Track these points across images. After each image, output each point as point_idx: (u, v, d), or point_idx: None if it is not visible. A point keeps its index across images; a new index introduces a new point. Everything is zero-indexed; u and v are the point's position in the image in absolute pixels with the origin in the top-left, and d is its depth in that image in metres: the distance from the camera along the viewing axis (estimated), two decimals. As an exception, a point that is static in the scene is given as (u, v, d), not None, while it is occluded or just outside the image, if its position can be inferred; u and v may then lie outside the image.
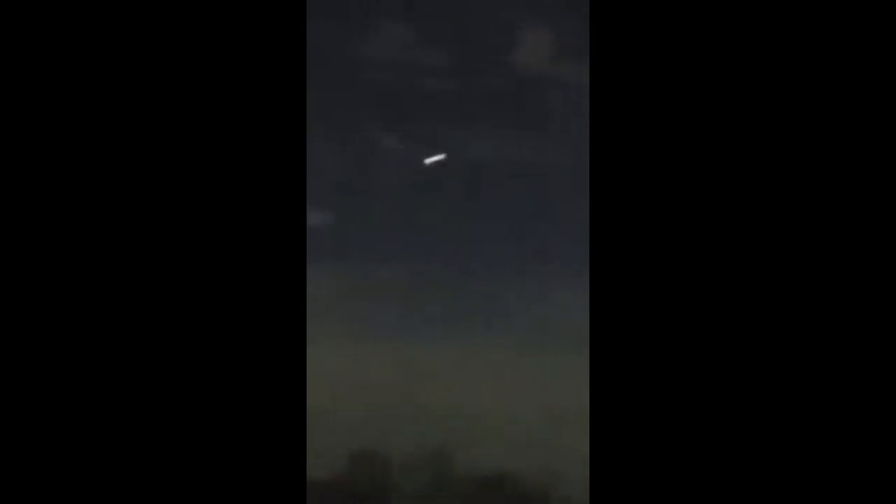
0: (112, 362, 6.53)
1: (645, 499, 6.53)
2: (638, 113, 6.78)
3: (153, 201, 6.67)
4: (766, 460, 6.47)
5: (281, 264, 6.80)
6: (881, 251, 6.45)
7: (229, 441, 6.61)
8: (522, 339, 23.80)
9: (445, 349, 23.05)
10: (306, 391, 6.89)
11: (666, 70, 6.76)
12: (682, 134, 6.74)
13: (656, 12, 6.79)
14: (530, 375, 22.62)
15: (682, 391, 6.59)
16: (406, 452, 20.70)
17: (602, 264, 6.82)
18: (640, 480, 6.54)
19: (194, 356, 6.63)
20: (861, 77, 6.55)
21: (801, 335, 6.53)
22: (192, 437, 6.58)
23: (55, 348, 6.48)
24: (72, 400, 6.47)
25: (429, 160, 25.27)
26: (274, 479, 6.65)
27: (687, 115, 6.74)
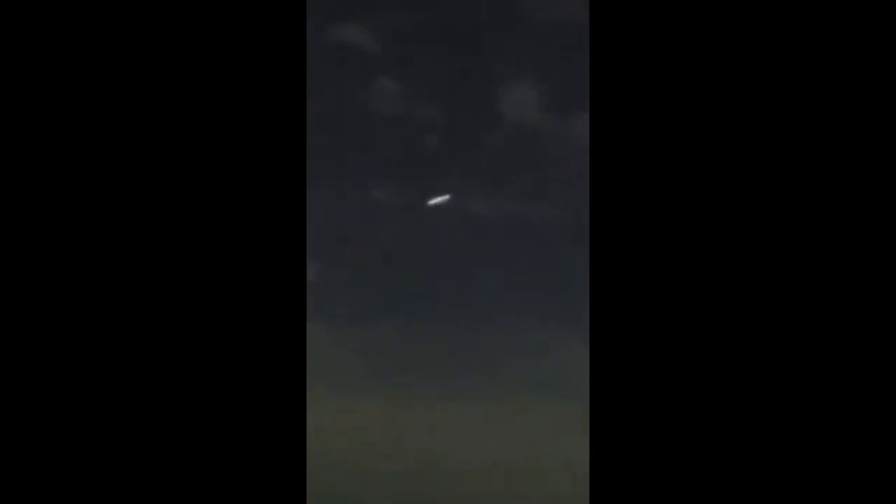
0: (110, 405, 6.56)
1: None
2: (638, 162, 6.82)
3: (144, 244, 6.74)
4: (770, 490, 6.44)
5: (279, 313, 6.82)
6: (882, 252, 6.44)
7: (228, 493, 6.62)
8: (518, 392, 23.69)
9: (439, 401, 22.96)
10: (306, 446, 6.87)
11: (667, 122, 6.82)
12: (683, 187, 6.77)
13: (658, 61, 6.86)
14: (527, 427, 22.44)
15: (685, 449, 6.55)
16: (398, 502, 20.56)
17: (602, 317, 6.80)
18: None
19: (193, 411, 6.64)
20: (861, 77, 6.55)
21: (805, 354, 6.51)
22: (189, 490, 6.59)
23: (47, 351, 6.50)
24: (62, 405, 6.49)
25: (432, 201, 25.42)
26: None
27: (688, 167, 6.78)
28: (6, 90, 6.63)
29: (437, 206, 25.02)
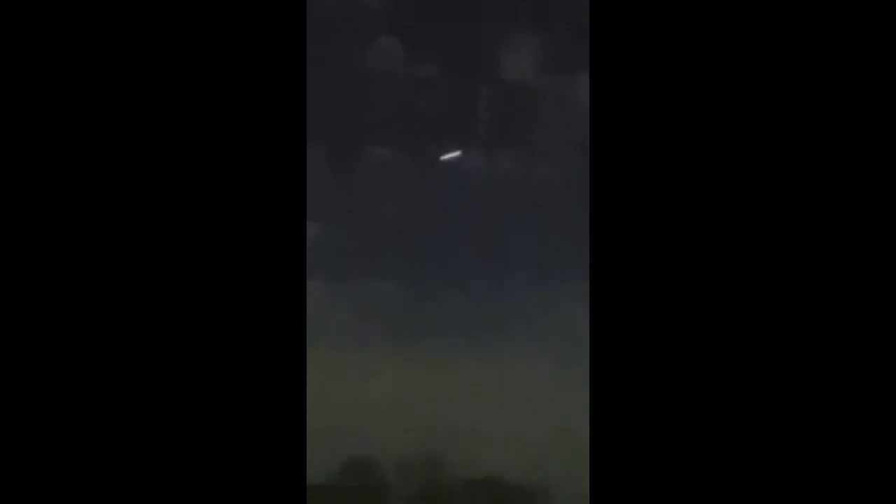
0: (112, 372, 6.58)
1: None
2: (639, 122, 6.80)
3: (147, 206, 6.74)
4: (769, 470, 6.51)
5: (280, 274, 6.83)
6: (882, 252, 6.46)
7: (226, 452, 6.67)
8: (516, 351, 23.81)
9: (440, 360, 23.08)
10: (306, 403, 6.89)
11: (668, 81, 6.78)
12: (684, 146, 6.76)
13: (658, 22, 6.82)
14: (527, 386, 22.59)
15: (684, 402, 6.60)
16: (400, 459, 20.80)
17: (602, 275, 6.82)
18: (640, 487, 6.60)
19: (193, 368, 6.66)
20: (861, 77, 6.57)
21: (804, 345, 6.53)
22: (190, 449, 6.63)
23: (49, 352, 6.53)
24: (68, 402, 6.52)
25: (445, 157, 25.32)
26: (273, 488, 6.70)
27: (688, 127, 6.76)
28: (6, 90, 6.61)
29: (448, 161, 24.90)
